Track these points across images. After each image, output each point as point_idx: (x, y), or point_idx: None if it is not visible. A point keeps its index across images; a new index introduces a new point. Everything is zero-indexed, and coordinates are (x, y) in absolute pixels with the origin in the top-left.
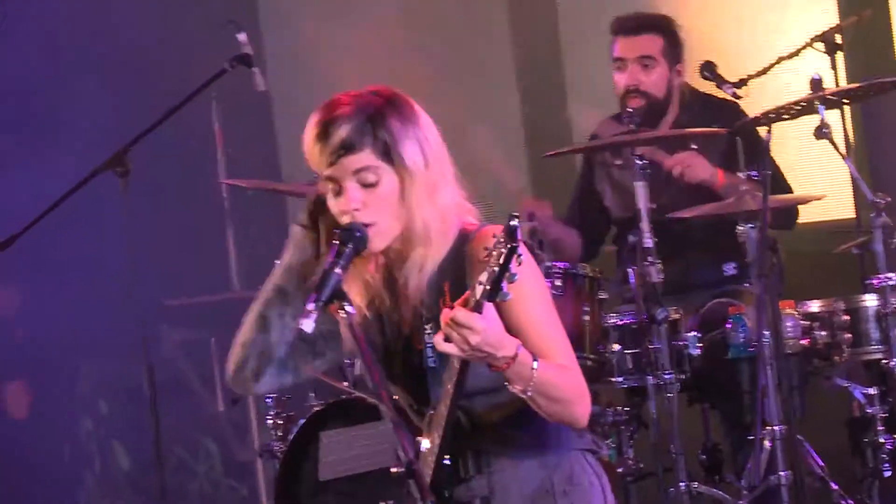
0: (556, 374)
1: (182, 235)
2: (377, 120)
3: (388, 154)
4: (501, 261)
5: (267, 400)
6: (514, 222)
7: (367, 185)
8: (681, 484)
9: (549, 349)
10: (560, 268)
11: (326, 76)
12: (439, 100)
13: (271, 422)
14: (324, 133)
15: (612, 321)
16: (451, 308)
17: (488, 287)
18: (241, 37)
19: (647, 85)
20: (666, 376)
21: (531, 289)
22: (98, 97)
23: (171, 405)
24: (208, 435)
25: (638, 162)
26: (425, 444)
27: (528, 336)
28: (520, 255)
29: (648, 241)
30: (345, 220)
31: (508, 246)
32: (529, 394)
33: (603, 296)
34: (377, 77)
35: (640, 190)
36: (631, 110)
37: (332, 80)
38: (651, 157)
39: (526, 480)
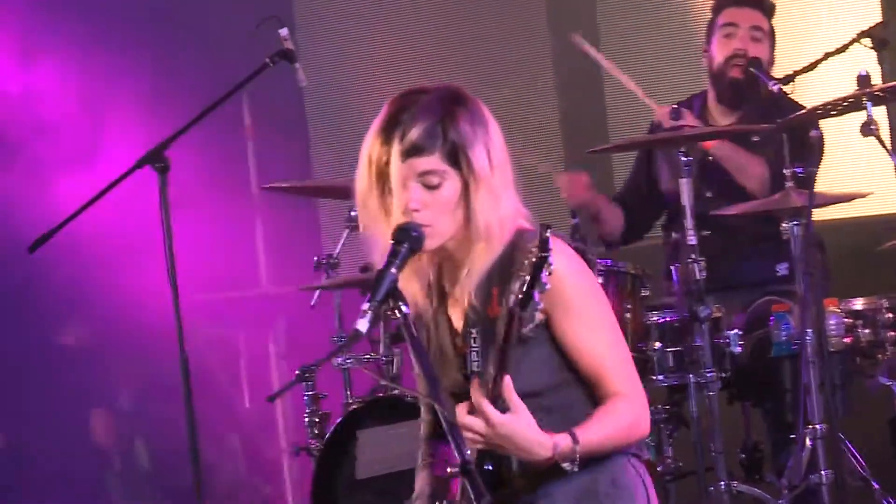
0: (602, 436)
1: (211, 231)
2: (448, 122)
3: (456, 157)
4: (532, 271)
5: (304, 397)
6: (547, 233)
7: (430, 187)
8: (721, 483)
9: (604, 372)
10: (602, 265)
11: (359, 72)
12: (475, 91)
13: (308, 420)
14: (394, 128)
15: (653, 319)
16: (497, 312)
17: (520, 296)
18: (283, 32)
19: (760, 54)
20: (707, 374)
21: (584, 306)
22: (140, 92)
23: (196, 401)
24: (233, 431)
25: (682, 158)
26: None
27: (583, 357)
28: (550, 266)
29: (692, 239)
30: (403, 218)
31: (538, 256)
32: (576, 466)
33: (645, 293)
34: (411, 73)
35: (685, 186)
36: (732, 82)
37: (364, 75)
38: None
39: (570, 483)
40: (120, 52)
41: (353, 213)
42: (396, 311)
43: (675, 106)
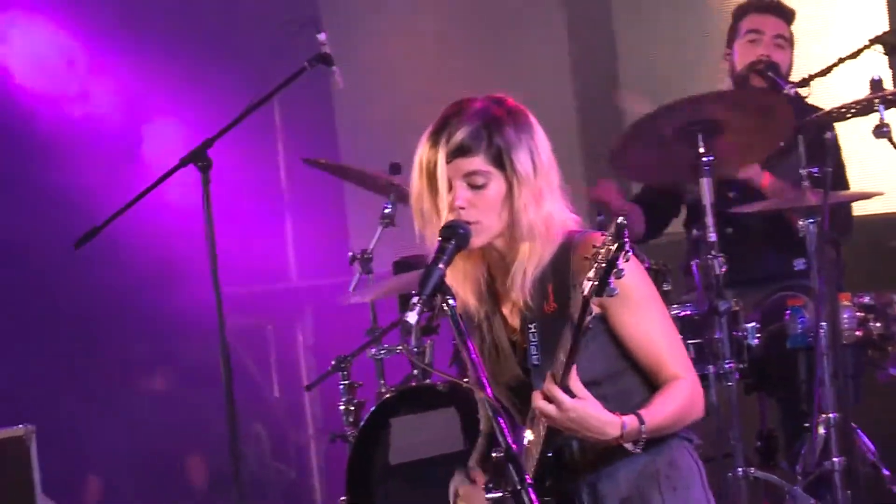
0: (665, 415)
1: (242, 225)
2: (493, 127)
3: (500, 159)
4: (609, 257)
5: (339, 386)
6: (622, 220)
7: (475, 187)
8: (738, 469)
9: (661, 357)
10: None
11: (385, 71)
12: (494, 89)
13: (343, 408)
14: (442, 132)
15: (674, 312)
16: (551, 314)
17: (596, 283)
18: (321, 37)
19: (781, 60)
20: (726, 366)
21: (639, 294)
22: (181, 91)
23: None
24: (259, 419)
25: (703, 158)
26: (528, 435)
27: (641, 344)
28: (627, 252)
29: (712, 236)
30: (450, 216)
31: (616, 243)
32: (640, 447)
33: (667, 287)
34: (432, 72)
35: (706, 185)
36: (756, 85)
37: (390, 74)
38: None
39: (631, 463)
40: (160, 54)
41: (386, 210)
42: (444, 305)
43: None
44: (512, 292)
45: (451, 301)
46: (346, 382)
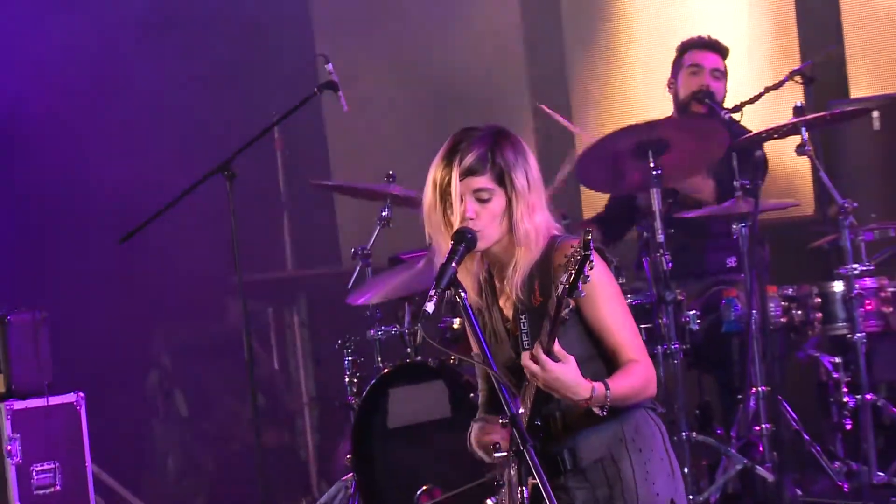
0: (625, 387)
1: (247, 224)
2: (496, 151)
3: (502, 178)
4: (577, 266)
5: (345, 361)
6: (589, 236)
7: (481, 201)
8: (682, 433)
9: (622, 343)
10: None
11: (370, 90)
12: (463, 113)
13: (348, 380)
14: (455, 159)
15: (629, 301)
16: (538, 306)
17: (567, 286)
18: (329, 67)
19: (715, 89)
20: (672, 346)
21: (605, 292)
22: (202, 107)
23: (228, 363)
24: (259, 389)
25: (653, 171)
26: (521, 409)
27: (606, 332)
28: (591, 262)
29: (660, 237)
30: (460, 224)
31: (582, 254)
32: (605, 411)
33: (621, 281)
34: (410, 92)
35: (655, 194)
36: (697, 106)
37: (373, 93)
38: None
39: (602, 430)
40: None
41: (383, 213)
42: (457, 297)
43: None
44: (507, 287)
45: (462, 293)
46: (350, 359)
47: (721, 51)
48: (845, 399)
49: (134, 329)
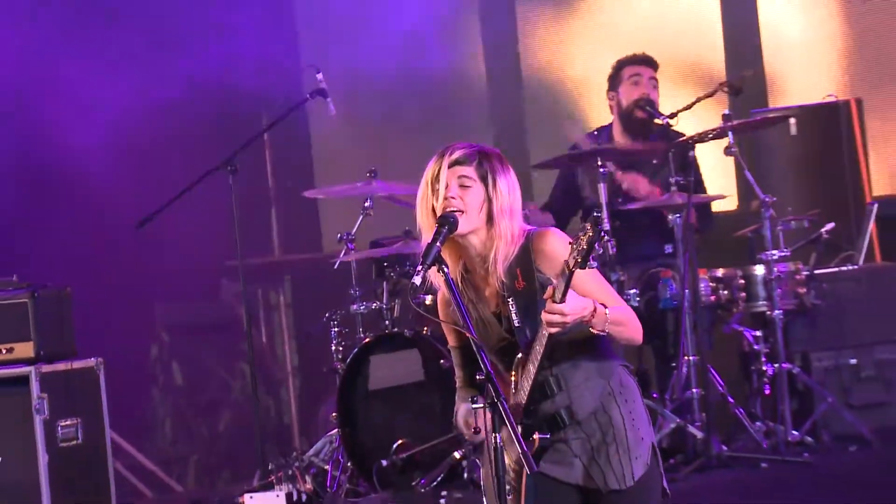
0: (621, 313)
1: (239, 214)
2: (484, 157)
3: (485, 177)
4: (587, 243)
5: (331, 333)
6: (597, 213)
7: (463, 186)
8: None
9: (610, 301)
10: None
11: (351, 101)
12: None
13: (334, 349)
14: (446, 153)
15: None
16: (522, 289)
17: (579, 259)
18: (320, 76)
19: (654, 97)
20: None
21: (591, 269)
22: (208, 115)
23: (220, 338)
24: (244, 360)
25: (601, 169)
26: (513, 390)
27: (596, 296)
28: (603, 237)
29: (606, 225)
30: (444, 205)
31: (595, 230)
32: (607, 330)
33: None
34: (385, 101)
35: (602, 188)
36: (638, 117)
37: (352, 102)
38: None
39: (593, 388)
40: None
41: (366, 204)
42: (440, 273)
43: (594, 132)
44: (490, 277)
45: (445, 269)
46: (336, 330)
47: (653, 64)
48: (764, 367)
49: (140, 307)
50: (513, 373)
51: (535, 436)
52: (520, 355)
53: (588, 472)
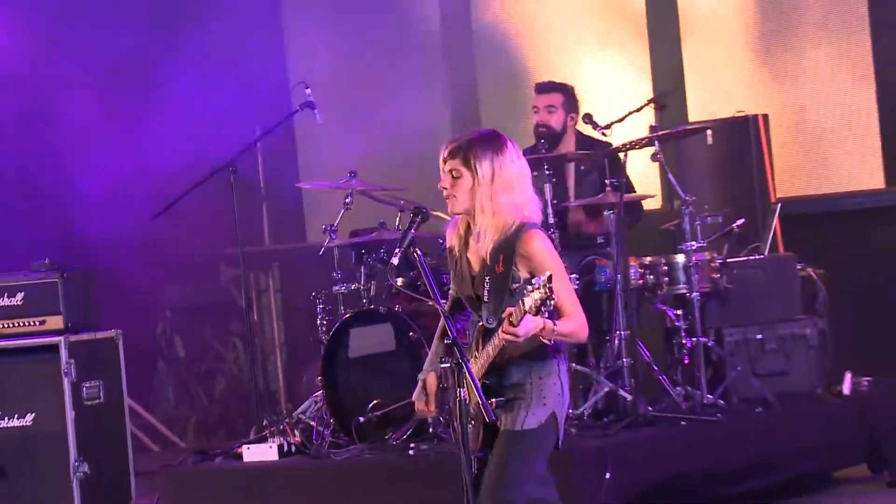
0: (566, 326)
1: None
2: (467, 147)
3: (470, 164)
4: (541, 300)
5: (317, 309)
6: (550, 283)
7: (454, 178)
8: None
9: (564, 301)
10: None
11: (337, 102)
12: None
13: (319, 322)
14: (444, 147)
15: None
16: (499, 273)
17: (533, 309)
18: (308, 91)
19: (550, 122)
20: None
21: (549, 263)
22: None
23: (218, 317)
24: (240, 336)
25: (546, 173)
26: (473, 367)
27: (559, 299)
28: (551, 298)
29: (552, 220)
30: (444, 194)
31: (546, 290)
32: (552, 340)
33: None
34: (364, 98)
35: (548, 189)
36: (541, 140)
37: (338, 104)
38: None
39: (519, 368)
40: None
41: (347, 200)
42: (416, 253)
43: (542, 140)
44: (477, 245)
45: (418, 252)
46: (321, 307)
47: (550, 89)
48: (684, 341)
49: (149, 288)
50: (475, 351)
51: (493, 400)
52: (480, 328)
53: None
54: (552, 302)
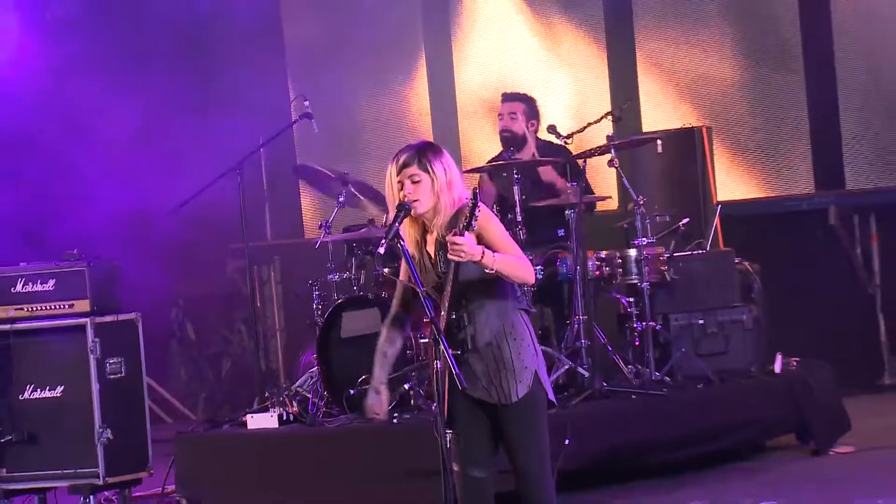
0: (508, 258)
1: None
2: (422, 152)
3: (426, 167)
4: (468, 212)
5: (314, 295)
6: (477, 199)
7: (414, 182)
8: None
9: (507, 251)
10: None
11: (331, 106)
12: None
13: (315, 306)
14: (396, 157)
15: None
16: (453, 236)
17: (464, 224)
18: (306, 103)
19: (512, 127)
20: (525, 289)
21: (494, 224)
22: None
23: (225, 304)
24: (246, 321)
25: (515, 175)
26: (442, 311)
27: (497, 246)
28: (477, 208)
29: (519, 217)
30: (402, 198)
31: (472, 203)
32: (496, 269)
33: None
34: (357, 109)
35: (516, 190)
36: (506, 143)
37: (333, 108)
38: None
39: (492, 326)
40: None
41: (340, 199)
42: (399, 243)
43: (512, 147)
44: (435, 231)
45: (401, 242)
46: (317, 293)
47: (512, 98)
48: (635, 325)
49: (164, 278)
50: (441, 303)
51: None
52: (444, 292)
53: (487, 392)
54: (479, 212)
